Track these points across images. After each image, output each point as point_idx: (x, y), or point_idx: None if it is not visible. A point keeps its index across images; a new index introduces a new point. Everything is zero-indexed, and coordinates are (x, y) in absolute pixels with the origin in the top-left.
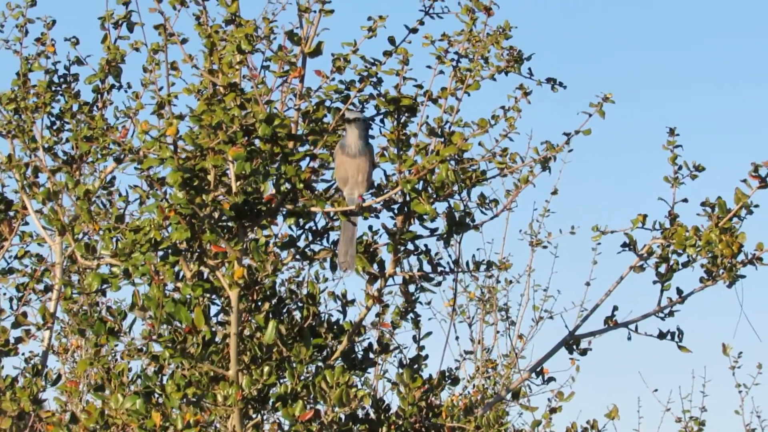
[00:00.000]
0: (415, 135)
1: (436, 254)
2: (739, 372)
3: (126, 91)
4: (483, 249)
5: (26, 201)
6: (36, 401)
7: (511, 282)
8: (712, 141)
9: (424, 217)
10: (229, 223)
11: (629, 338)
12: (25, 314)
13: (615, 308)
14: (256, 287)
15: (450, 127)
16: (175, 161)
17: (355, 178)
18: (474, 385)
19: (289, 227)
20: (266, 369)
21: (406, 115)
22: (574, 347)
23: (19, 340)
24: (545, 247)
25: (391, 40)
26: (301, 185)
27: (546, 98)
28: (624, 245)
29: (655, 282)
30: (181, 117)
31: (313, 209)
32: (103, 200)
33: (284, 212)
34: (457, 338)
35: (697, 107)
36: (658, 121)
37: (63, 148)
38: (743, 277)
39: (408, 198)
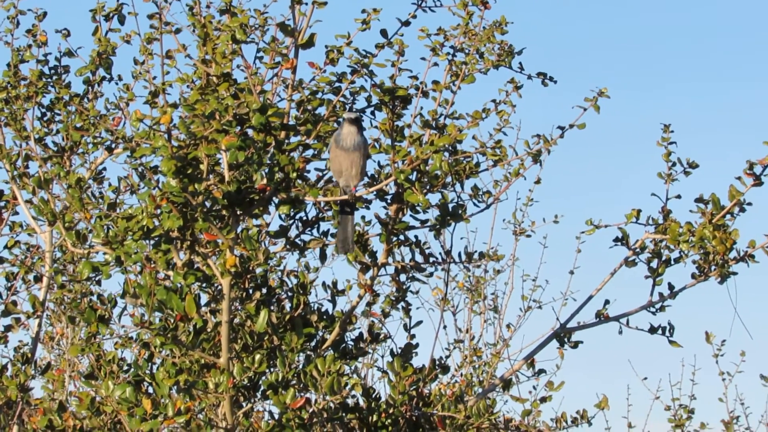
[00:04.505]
0: (409, 126)
1: (424, 243)
2: (723, 360)
3: (117, 83)
4: (467, 238)
5: (16, 191)
6: (24, 389)
7: (499, 271)
8: (702, 136)
9: (417, 207)
10: (222, 212)
11: (620, 332)
12: (15, 303)
13: (607, 302)
14: (248, 276)
15: (444, 119)
16: (169, 149)
17: (348, 171)
18: (462, 374)
19: (280, 217)
20: (257, 357)
21: (401, 105)
22: (566, 340)
23: (8, 328)
24: (529, 236)
25: (384, 33)
26: (295, 174)
27: (537, 89)
28: (617, 240)
29: (647, 277)
30: (175, 106)
31: (306, 198)
32: (93, 190)
33: (276, 201)
34: (444, 327)
35: (687, 102)
36: (647, 114)
37: (53, 139)
38: (735, 273)
39: (401, 188)
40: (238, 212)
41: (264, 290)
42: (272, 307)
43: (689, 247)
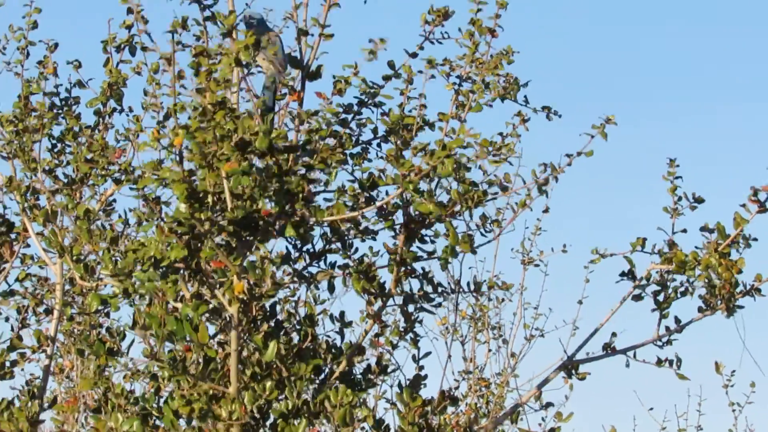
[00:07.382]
0: (416, 151)
1: (430, 273)
2: (732, 391)
3: (128, 115)
4: (475, 267)
5: (27, 223)
6: (34, 422)
7: (503, 300)
8: (707, 169)
9: (425, 237)
10: (228, 240)
11: (627, 365)
12: (20, 337)
13: (614, 334)
14: (255, 303)
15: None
16: (181, 173)
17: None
18: (467, 404)
19: (286, 247)
20: (268, 384)
21: (408, 134)
22: (573, 371)
23: (14, 363)
24: (537, 265)
25: (391, 65)
26: (300, 197)
27: (541, 122)
28: (623, 274)
29: (653, 310)
30: (186, 128)
31: (312, 220)
32: (102, 222)
33: (282, 225)
34: (449, 357)
35: (693, 135)
36: (652, 147)
37: (64, 171)
38: (741, 308)
39: (409, 202)
40: (245, 238)
41: (272, 322)
42: (279, 339)
43: (695, 276)
